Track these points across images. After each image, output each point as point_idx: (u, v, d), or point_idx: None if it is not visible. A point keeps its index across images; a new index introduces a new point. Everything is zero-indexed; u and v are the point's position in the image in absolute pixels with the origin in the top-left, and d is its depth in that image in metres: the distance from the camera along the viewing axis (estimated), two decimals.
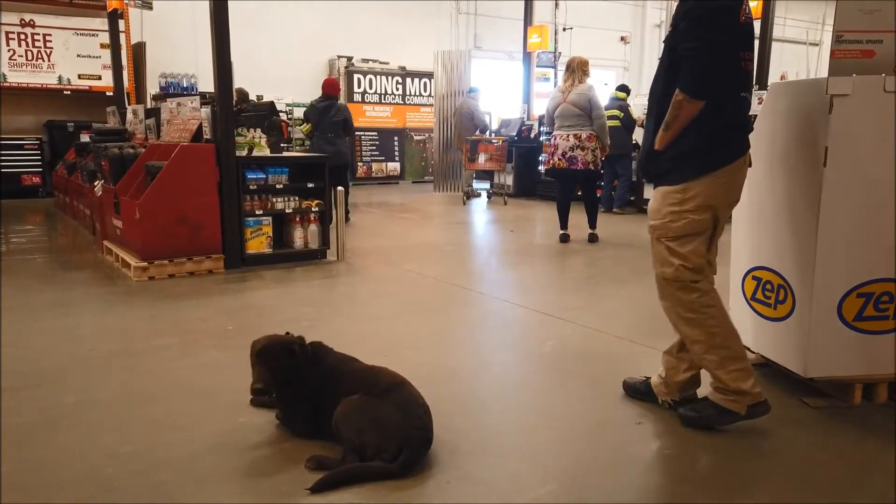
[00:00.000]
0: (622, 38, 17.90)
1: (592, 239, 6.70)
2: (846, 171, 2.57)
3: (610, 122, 8.84)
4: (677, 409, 2.64)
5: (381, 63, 13.92)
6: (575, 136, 6.38)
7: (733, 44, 2.38)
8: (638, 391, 2.82)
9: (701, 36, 2.33)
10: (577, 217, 6.87)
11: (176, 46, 11.76)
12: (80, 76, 10.94)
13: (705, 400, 2.59)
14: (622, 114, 8.80)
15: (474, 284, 5.06)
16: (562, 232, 6.72)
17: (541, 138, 10.69)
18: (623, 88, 9.36)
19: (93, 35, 10.88)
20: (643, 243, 6.69)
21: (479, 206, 10.32)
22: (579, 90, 6.36)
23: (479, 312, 4.43)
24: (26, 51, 10.57)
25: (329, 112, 7.77)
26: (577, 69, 6.44)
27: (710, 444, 2.46)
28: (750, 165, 2.54)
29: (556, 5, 14.37)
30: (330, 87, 7.99)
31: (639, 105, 10.04)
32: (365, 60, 13.77)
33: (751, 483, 2.17)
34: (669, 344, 2.74)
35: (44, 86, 10.73)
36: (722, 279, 3.58)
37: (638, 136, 8.77)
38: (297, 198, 5.64)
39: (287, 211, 5.60)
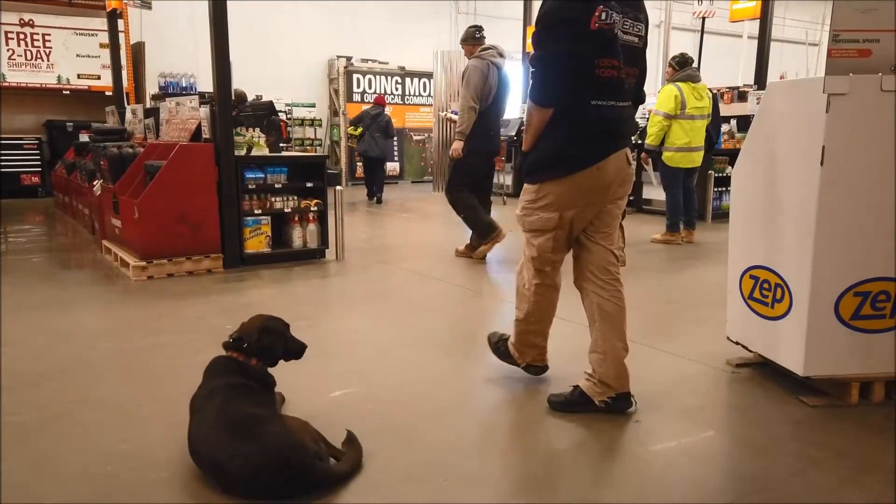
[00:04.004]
0: None
1: None
2: (843, 170, 2.57)
3: None
4: (615, 406, 2.59)
5: (380, 63, 13.92)
6: None
7: (582, 53, 2.41)
8: (571, 403, 2.66)
9: (543, 46, 2.44)
10: None
11: (175, 46, 11.76)
12: (79, 76, 10.94)
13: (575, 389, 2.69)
14: None
15: (474, 284, 5.07)
16: None
17: None
18: None
19: (92, 35, 10.87)
20: (640, 242, 6.74)
21: None
22: None
23: (479, 312, 4.44)
24: (25, 50, 10.56)
25: (377, 118, 10.41)
26: None
27: (709, 443, 2.47)
28: (635, 162, 2.73)
29: None
30: (380, 99, 11.02)
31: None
32: (364, 60, 13.78)
33: (750, 482, 2.18)
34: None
35: (43, 85, 10.73)
36: (720, 278, 3.59)
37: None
38: (296, 197, 5.64)
39: (286, 210, 5.60)
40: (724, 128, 8.47)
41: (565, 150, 2.52)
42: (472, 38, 5.76)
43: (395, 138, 13.51)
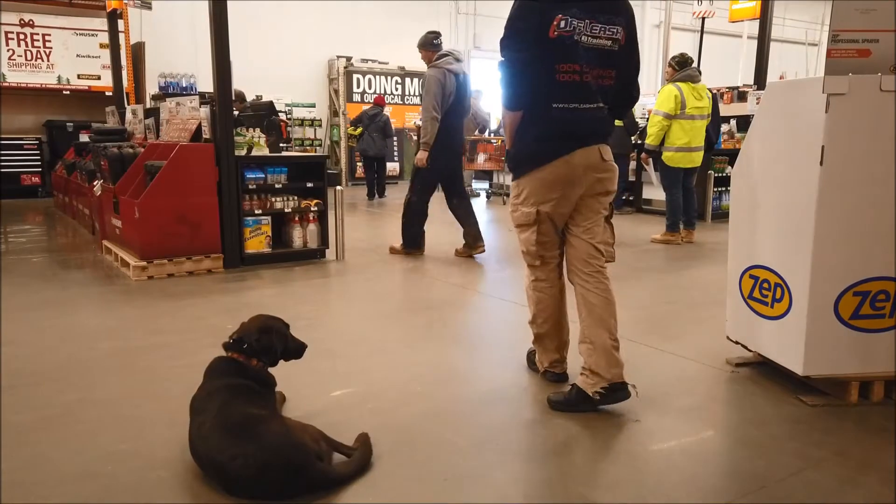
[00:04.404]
0: None
1: None
2: (843, 169, 2.58)
3: None
4: (610, 397, 2.59)
5: (380, 63, 13.93)
6: None
7: (541, 59, 2.53)
8: (571, 403, 2.66)
9: (506, 52, 2.59)
10: None
11: (175, 46, 11.77)
12: (79, 76, 10.95)
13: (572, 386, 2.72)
14: None
15: (473, 284, 5.07)
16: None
17: None
18: None
19: (92, 35, 10.89)
20: (640, 242, 6.74)
21: (478, 205, 10.32)
22: None
23: (478, 311, 4.44)
24: (26, 51, 10.57)
25: (376, 118, 10.87)
26: None
27: (709, 442, 2.47)
28: (613, 160, 2.73)
29: None
30: (379, 99, 11.41)
31: (638, 105, 10.03)
32: (364, 60, 13.79)
33: (749, 481, 2.18)
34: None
35: (43, 86, 10.74)
36: (719, 278, 3.60)
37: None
38: (296, 197, 5.65)
39: (286, 210, 5.60)
40: (724, 128, 8.47)
41: (531, 148, 2.68)
42: (430, 45, 5.86)
43: (395, 138, 13.54)
